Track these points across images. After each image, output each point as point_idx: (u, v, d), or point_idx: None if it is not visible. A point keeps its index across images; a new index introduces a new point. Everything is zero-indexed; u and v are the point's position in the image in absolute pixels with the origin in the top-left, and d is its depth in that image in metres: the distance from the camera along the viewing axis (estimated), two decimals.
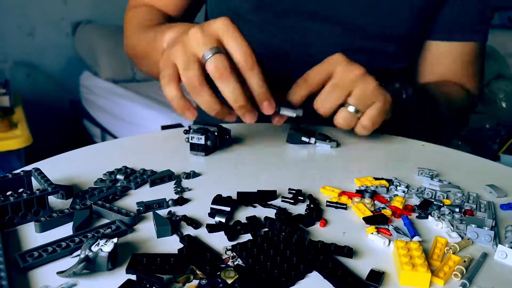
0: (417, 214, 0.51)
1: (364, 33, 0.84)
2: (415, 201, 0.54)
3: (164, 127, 1.14)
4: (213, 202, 0.50)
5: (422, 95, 0.79)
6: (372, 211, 0.50)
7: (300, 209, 0.51)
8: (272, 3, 0.85)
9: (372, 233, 0.46)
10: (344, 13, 0.83)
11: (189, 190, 0.55)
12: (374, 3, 0.83)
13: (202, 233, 0.46)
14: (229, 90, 0.57)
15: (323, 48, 0.85)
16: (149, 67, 0.83)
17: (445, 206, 0.52)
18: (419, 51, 0.93)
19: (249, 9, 0.86)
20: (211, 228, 0.46)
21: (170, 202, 0.51)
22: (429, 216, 0.50)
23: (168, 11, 0.93)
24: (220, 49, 0.57)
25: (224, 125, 0.71)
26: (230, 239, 0.44)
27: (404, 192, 0.56)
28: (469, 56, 0.91)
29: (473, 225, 0.47)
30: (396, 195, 0.55)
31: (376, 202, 0.53)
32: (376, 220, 0.48)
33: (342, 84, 0.64)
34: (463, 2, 0.86)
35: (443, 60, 0.92)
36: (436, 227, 0.48)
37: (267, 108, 0.61)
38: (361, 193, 0.55)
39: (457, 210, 0.51)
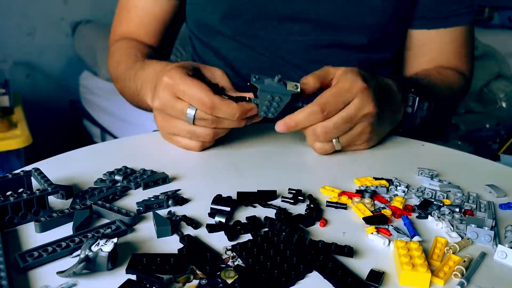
0: (417, 214, 0.51)
1: (334, 26, 0.83)
2: (415, 201, 0.54)
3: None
4: (213, 202, 0.50)
5: (432, 106, 0.76)
6: (372, 211, 0.50)
7: (300, 209, 0.51)
8: (241, 11, 0.85)
9: (372, 233, 0.46)
10: (312, 10, 0.83)
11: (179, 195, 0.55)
12: None
13: (202, 233, 0.46)
14: (225, 118, 0.62)
15: (296, 48, 0.86)
16: (131, 98, 0.86)
17: (445, 206, 0.52)
18: (399, 41, 0.91)
19: (219, 19, 0.87)
20: (211, 228, 0.46)
21: (170, 202, 0.51)
22: (429, 216, 0.50)
23: (145, 41, 0.95)
24: (192, 108, 0.61)
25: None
26: (230, 239, 0.44)
27: (404, 192, 0.56)
28: (458, 39, 0.89)
29: (473, 225, 0.47)
30: (396, 195, 0.55)
31: (376, 202, 0.53)
32: (376, 220, 0.48)
33: (351, 120, 0.63)
34: None
35: (432, 48, 0.90)
36: (436, 227, 0.48)
37: (252, 119, 0.64)
38: (361, 193, 0.55)
39: (457, 210, 0.51)
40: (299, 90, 0.61)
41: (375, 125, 0.66)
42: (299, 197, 0.53)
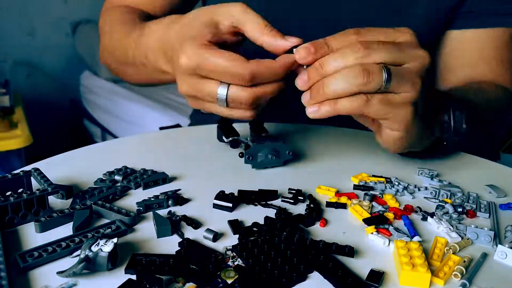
0: (419, 216, 0.51)
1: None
2: (415, 201, 0.54)
3: (162, 128, 1.14)
4: (216, 198, 0.51)
5: (469, 115, 0.62)
6: (370, 213, 0.50)
7: (300, 209, 0.51)
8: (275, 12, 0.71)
9: (372, 233, 0.45)
10: (355, 18, 0.76)
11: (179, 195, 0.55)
12: (373, 19, 0.75)
13: (202, 233, 0.46)
14: (267, 92, 0.52)
15: None
16: (135, 75, 0.73)
17: (447, 205, 0.52)
18: (433, 48, 0.82)
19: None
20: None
21: (170, 202, 0.51)
22: (430, 218, 0.50)
23: (150, 11, 0.81)
24: (225, 84, 0.51)
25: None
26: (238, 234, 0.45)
27: (400, 191, 0.56)
28: (501, 43, 0.78)
29: (473, 225, 0.47)
30: (396, 194, 0.55)
31: (374, 204, 0.53)
32: (376, 221, 0.48)
33: (400, 48, 0.48)
34: None
35: (471, 50, 0.79)
36: (437, 230, 0.48)
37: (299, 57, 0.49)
38: (360, 188, 0.55)
39: (458, 210, 0.51)
40: (291, 157, 0.61)
41: (424, 80, 0.50)
42: (299, 197, 0.53)
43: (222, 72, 0.49)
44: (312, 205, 0.51)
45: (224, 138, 0.64)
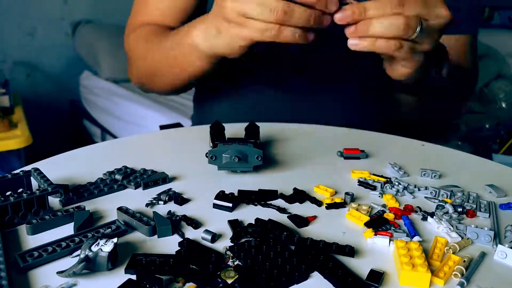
0: (419, 216, 0.51)
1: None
2: (415, 201, 0.54)
3: (162, 127, 1.14)
4: (216, 198, 0.51)
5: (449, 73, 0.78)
6: (370, 216, 0.50)
7: (300, 209, 0.51)
8: None
9: (370, 238, 0.45)
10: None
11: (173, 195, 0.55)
12: None
13: (201, 233, 0.46)
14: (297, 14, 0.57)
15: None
16: (172, 75, 0.81)
17: (447, 204, 0.52)
18: None
19: None
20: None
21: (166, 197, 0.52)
22: (430, 218, 0.50)
23: (170, 24, 0.90)
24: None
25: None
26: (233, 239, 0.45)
27: (400, 191, 0.56)
28: (461, 48, 0.92)
29: (473, 225, 0.47)
30: (396, 194, 0.55)
31: (373, 205, 0.53)
32: (377, 223, 0.48)
33: (430, 7, 0.59)
34: None
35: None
36: (437, 230, 0.48)
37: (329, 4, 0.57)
38: (362, 185, 0.56)
39: (458, 210, 0.51)
40: (261, 162, 0.57)
41: (440, 34, 0.62)
42: (299, 197, 0.53)
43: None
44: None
45: (210, 142, 0.64)
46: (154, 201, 0.52)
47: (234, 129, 0.74)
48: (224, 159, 0.57)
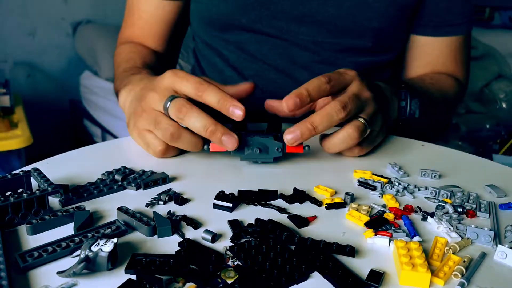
0: (419, 216, 0.51)
1: (341, 29, 0.85)
2: (415, 201, 0.54)
3: None
4: (216, 198, 0.51)
5: (424, 105, 0.78)
6: (370, 216, 0.50)
7: (300, 209, 0.51)
8: (247, 10, 0.85)
9: (370, 238, 0.45)
10: (319, 12, 0.83)
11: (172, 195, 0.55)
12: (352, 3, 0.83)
13: (201, 233, 0.46)
14: (195, 120, 0.57)
15: (303, 48, 0.87)
16: None
17: (447, 204, 0.52)
18: (401, 45, 0.94)
19: (227, 14, 0.86)
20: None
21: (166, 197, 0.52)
22: (430, 218, 0.50)
23: (149, 45, 0.95)
24: (176, 95, 0.59)
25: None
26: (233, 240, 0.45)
27: (400, 191, 0.56)
28: (456, 47, 0.94)
29: (473, 225, 0.47)
30: (397, 194, 0.55)
31: (373, 205, 0.53)
32: (378, 223, 0.48)
33: (359, 97, 0.61)
34: None
35: (430, 53, 0.94)
36: (437, 230, 0.48)
37: (235, 112, 0.56)
38: (362, 185, 0.56)
39: (458, 210, 0.51)
40: (281, 154, 0.60)
41: (380, 111, 0.65)
42: (299, 197, 0.53)
43: (188, 82, 0.59)
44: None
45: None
46: (154, 201, 0.52)
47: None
48: (246, 151, 0.60)
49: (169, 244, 0.44)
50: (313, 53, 0.87)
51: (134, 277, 0.38)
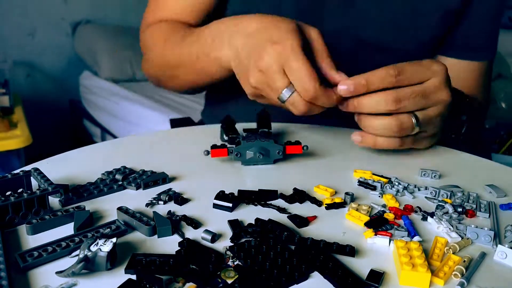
0: (419, 216, 0.51)
1: (380, 49, 0.83)
2: (415, 201, 0.54)
3: (172, 120, 1.14)
4: (216, 198, 0.51)
5: (473, 118, 0.77)
6: (370, 216, 0.50)
7: (300, 209, 0.51)
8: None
9: (370, 238, 0.45)
10: (360, 30, 0.81)
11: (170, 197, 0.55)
12: (394, 21, 0.82)
13: (201, 233, 0.46)
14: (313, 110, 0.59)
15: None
16: (191, 74, 0.80)
17: (447, 204, 0.52)
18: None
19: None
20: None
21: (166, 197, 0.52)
22: (430, 218, 0.50)
23: (189, 22, 0.88)
24: (291, 88, 0.58)
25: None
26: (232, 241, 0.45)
27: (400, 191, 0.56)
28: (478, 72, 0.91)
29: (473, 225, 0.47)
30: (397, 194, 0.55)
31: (373, 205, 0.53)
32: (378, 223, 0.48)
33: (427, 96, 0.60)
34: (475, 22, 0.86)
35: (452, 75, 0.91)
36: (437, 230, 0.48)
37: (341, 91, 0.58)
38: (362, 185, 0.56)
39: (458, 210, 0.51)
40: (281, 156, 0.62)
41: (444, 118, 0.63)
42: (299, 197, 0.53)
43: (299, 78, 0.56)
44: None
45: (224, 136, 0.66)
46: (154, 201, 0.52)
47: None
48: (248, 155, 0.61)
49: (169, 244, 0.44)
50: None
51: (134, 277, 0.38)
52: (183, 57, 0.78)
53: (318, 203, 0.52)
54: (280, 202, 0.53)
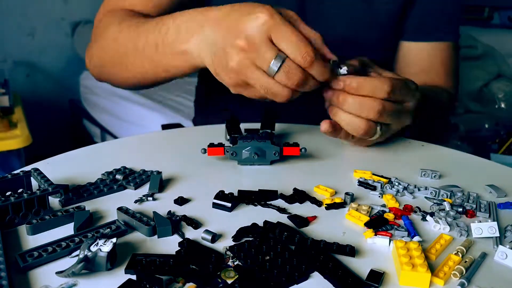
0: (419, 216, 0.51)
1: (346, 43, 0.84)
2: (415, 201, 0.54)
3: (164, 126, 1.14)
4: (216, 198, 0.51)
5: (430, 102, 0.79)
6: (370, 216, 0.50)
7: (300, 209, 0.51)
8: None
9: (370, 238, 0.45)
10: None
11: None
12: (356, 17, 0.85)
13: (201, 233, 0.46)
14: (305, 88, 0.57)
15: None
16: (144, 66, 0.72)
17: (445, 203, 0.52)
18: (393, 50, 0.94)
19: None
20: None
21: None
22: (428, 217, 0.50)
23: (146, 12, 0.82)
24: (281, 56, 0.54)
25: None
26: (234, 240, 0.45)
27: (400, 191, 0.56)
28: (440, 56, 0.92)
29: (476, 221, 0.47)
30: (397, 194, 0.55)
31: (373, 205, 0.53)
32: (377, 223, 0.48)
33: (400, 117, 0.64)
34: (430, 3, 0.87)
35: (414, 60, 0.92)
36: (434, 229, 0.48)
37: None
38: (362, 185, 0.56)
39: (458, 209, 0.51)
40: (278, 157, 0.61)
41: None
42: (299, 197, 0.53)
43: (291, 41, 0.53)
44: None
45: (227, 135, 0.67)
46: (144, 198, 0.52)
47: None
48: (243, 155, 0.61)
49: (169, 244, 0.44)
50: None
51: (134, 277, 0.38)
52: (138, 44, 0.70)
53: (318, 203, 0.52)
54: (280, 202, 0.53)
